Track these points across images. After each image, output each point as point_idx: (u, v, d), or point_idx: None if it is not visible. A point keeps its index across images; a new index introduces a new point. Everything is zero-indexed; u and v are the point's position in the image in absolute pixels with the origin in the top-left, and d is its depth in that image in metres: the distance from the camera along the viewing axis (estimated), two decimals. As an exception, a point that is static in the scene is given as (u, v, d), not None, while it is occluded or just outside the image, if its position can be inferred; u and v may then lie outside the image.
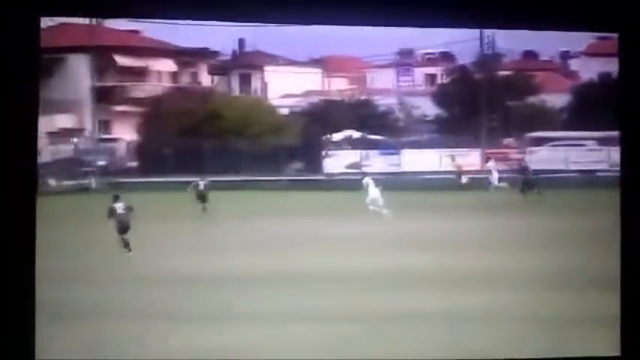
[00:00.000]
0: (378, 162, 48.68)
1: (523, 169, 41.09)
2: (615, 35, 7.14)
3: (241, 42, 68.29)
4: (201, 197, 37.49)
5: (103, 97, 54.70)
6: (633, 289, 6.92)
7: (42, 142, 56.26)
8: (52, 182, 46.89)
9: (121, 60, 58.01)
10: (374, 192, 34.49)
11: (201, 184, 38.19)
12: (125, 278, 22.03)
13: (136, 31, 60.04)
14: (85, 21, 52.00)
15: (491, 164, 43.64)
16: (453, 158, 47.71)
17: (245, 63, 66.20)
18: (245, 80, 65.69)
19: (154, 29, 57.95)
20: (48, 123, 56.52)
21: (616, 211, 7.14)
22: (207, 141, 48.27)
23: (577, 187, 39.16)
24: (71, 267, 23.53)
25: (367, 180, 35.60)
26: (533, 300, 18.52)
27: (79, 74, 55.21)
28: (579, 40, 54.99)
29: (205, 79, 63.35)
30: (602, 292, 13.88)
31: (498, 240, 27.26)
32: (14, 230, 6.51)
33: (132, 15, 7.29)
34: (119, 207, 27.33)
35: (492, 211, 33.94)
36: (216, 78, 65.27)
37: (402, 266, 22.71)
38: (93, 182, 46.29)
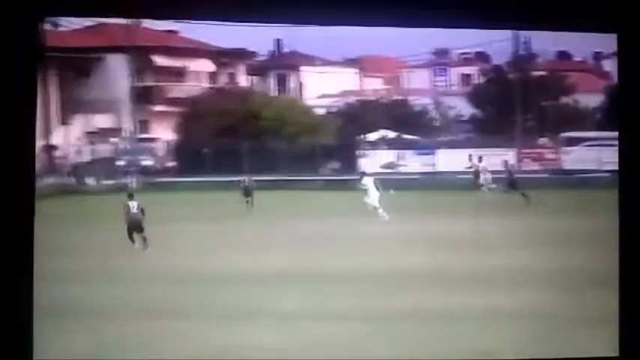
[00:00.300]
0: (413, 162, 48.73)
1: (508, 171, 40.32)
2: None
3: (278, 43, 68.85)
4: (247, 192, 38.07)
5: (142, 97, 55.02)
6: (632, 289, 6.97)
7: (81, 141, 57.14)
8: (90, 182, 47.40)
9: (159, 60, 58.38)
10: (373, 192, 34.05)
11: (246, 180, 38.77)
12: (156, 276, 22.19)
13: (174, 32, 60.41)
14: (123, 21, 52.44)
15: (482, 165, 42.93)
16: (470, 158, 47.57)
17: (282, 63, 66.57)
18: (282, 80, 66.04)
19: (192, 30, 58.50)
20: (87, 123, 57.15)
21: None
22: (244, 141, 48.63)
23: (610, 187, 38.70)
24: (111, 266, 23.87)
25: (367, 179, 35.52)
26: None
27: (117, 74, 55.57)
28: (612, 41, 54.64)
29: (243, 80, 63.73)
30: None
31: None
32: (13, 231, 6.52)
33: (142, 15, 7.37)
34: (133, 206, 27.47)
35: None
36: (253, 78, 65.65)
37: (435, 266, 22.66)
38: (132, 182, 46.69)
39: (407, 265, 22.54)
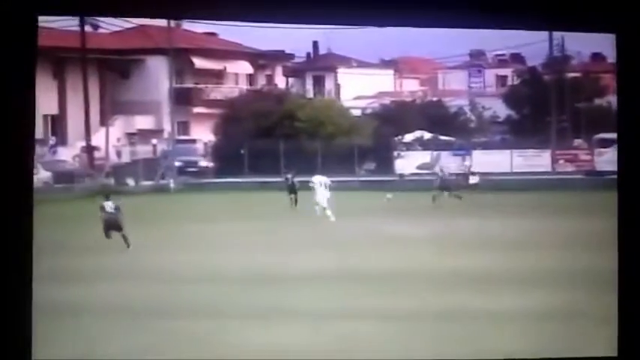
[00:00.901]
0: (449, 163, 48.88)
1: (439, 173, 40.55)
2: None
3: (315, 44, 69.18)
4: (292, 190, 38.36)
5: (181, 98, 55.39)
6: (631, 289, 6.91)
7: (121, 142, 57.71)
8: (130, 182, 47.88)
9: (199, 62, 58.84)
10: (322, 193, 34.10)
11: (289, 177, 39.04)
12: (192, 276, 22.38)
13: (213, 34, 60.88)
14: (163, 23, 52.89)
15: (320, 180, 42.12)
16: (464, 159, 47.75)
17: (319, 65, 66.87)
18: (319, 82, 66.37)
19: (231, 32, 59.00)
20: (127, 124, 57.71)
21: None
22: (282, 142, 48.98)
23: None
24: (150, 264, 24.23)
25: (320, 179, 35.15)
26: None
27: (157, 76, 55.95)
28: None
29: (280, 81, 64.10)
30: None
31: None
32: (11, 231, 6.18)
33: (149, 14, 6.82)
34: (109, 206, 27.88)
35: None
36: (290, 80, 66.03)
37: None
38: (171, 183, 47.14)
39: (440, 266, 22.75)
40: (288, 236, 29.44)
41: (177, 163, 50.05)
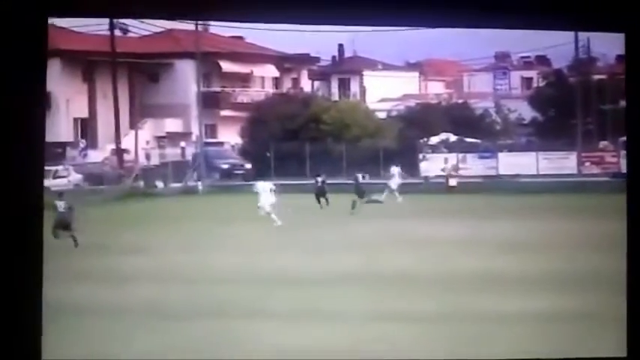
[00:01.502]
0: (475, 165, 49.00)
1: (355, 178, 40.59)
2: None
3: (340, 47, 69.42)
4: (321, 192, 38.64)
5: (209, 101, 55.78)
6: None
7: (150, 145, 58.13)
8: (159, 184, 48.29)
9: (226, 66, 59.25)
10: (265, 197, 34.44)
11: (319, 180, 39.33)
12: (223, 277, 22.66)
13: (239, 37, 61.25)
14: (191, 27, 53.36)
15: (395, 169, 42.85)
16: (445, 161, 47.88)
17: (344, 68, 67.12)
18: (344, 85, 66.61)
19: (257, 35, 59.30)
20: (156, 127, 58.19)
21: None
22: (307, 144, 49.23)
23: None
24: (175, 266, 24.60)
25: (261, 184, 35.66)
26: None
27: (185, 79, 56.39)
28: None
29: (306, 84, 64.37)
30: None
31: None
32: (22, 233, 6.26)
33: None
34: (60, 206, 28.52)
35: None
36: (316, 83, 66.30)
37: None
38: (199, 185, 47.48)
39: (461, 267, 23.08)
40: (315, 238, 29.63)
41: (224, 166, 50.37)
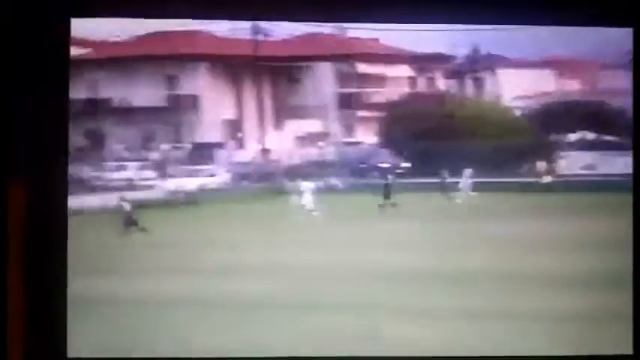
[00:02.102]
0: (614, 163, 48.70)
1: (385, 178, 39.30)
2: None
3: (475, 46, 69.49)
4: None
5: (346, 102, 56.61)
6: None
7: (291, 145, 59.51)
8: (301, 183, 49.55)
9: (362, 67, 60.00)
10: (307, 197, 34.01)
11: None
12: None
13: (375, 39, 61.95)
14: (331, 31, 54.30)
15: (467, 170, 41.47)
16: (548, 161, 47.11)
17: (478, 66, 67.25)
18: (478, 83, 66.86)
19: (391, 37, 60.06)
20: (297, 128, 59.44)
21: None
22: (443, 143, 49.76)
23: None
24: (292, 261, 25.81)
25: (307, 184, 35.04)
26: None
27: (324, 81, 57.38)
28: None
29: (440, 83, 64.73)
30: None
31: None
32: (47, 231, 6.45)
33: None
34: (126, 206, 29.96)
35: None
36: (450, 81, 66.60)
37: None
38: (339, 184, 48.44)
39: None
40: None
41: (384, 165, 51.26)
